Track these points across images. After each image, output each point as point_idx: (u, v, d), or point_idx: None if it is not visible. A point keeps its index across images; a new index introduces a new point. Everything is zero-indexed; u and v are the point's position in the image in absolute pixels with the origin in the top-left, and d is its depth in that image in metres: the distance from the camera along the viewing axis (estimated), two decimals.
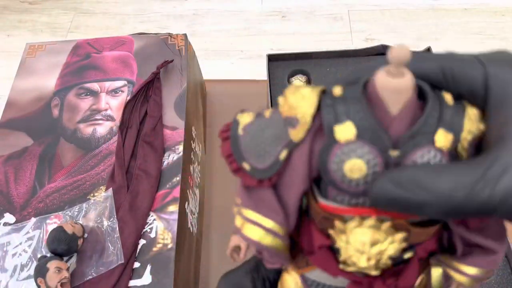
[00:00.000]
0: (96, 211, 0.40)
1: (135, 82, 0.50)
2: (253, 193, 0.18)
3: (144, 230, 0.38)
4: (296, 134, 0.17)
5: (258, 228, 0.18)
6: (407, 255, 0.18)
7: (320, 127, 0.17)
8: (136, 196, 0.40)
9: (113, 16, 1.42)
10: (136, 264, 0.36)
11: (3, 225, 0.39)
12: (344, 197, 0.17)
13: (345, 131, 0.16)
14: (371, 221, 0.17)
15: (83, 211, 0.40)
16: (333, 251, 0.19)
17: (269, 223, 0.18)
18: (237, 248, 0.20)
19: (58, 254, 0.36)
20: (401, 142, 0.16)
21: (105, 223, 0.39)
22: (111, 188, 0.41)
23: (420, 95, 0.16)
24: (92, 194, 0.41)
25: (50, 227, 0.38)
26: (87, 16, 1.42)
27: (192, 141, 0.48)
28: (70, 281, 0.35)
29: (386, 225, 0.17)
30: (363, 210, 0.17)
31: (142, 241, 0.38)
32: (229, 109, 0.67)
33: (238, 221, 0.19)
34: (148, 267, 0.36)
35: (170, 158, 0.43)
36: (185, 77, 0.50)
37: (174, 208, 0.40)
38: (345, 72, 0.52)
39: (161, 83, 0.49)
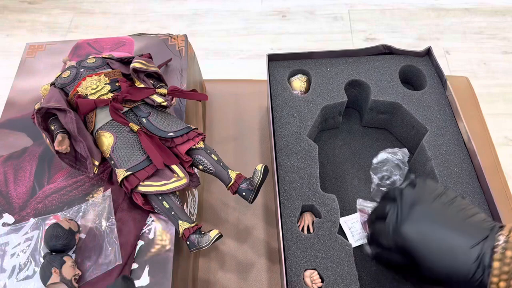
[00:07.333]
0: (95, 212, 0.40)
1: None
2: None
3: (143, 231, 0.38)
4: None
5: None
6: (117, 84, 0.43)
7: None
8: None
9: (113, 16, 1.42)
10: (134, 265, 0.36)
11: (2, 225, 0.39)
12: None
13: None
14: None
15: (82, 211, 0.40)
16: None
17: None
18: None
19: (57, 251, 0.36)
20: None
21: (104, 223, 0.39)
22: (110, 189, 0.41)
23: None
24: (91, 195, 0.41)
25: None
26: (87, 16, 1.42)
27: None
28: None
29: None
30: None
31: (140, 242, 0.38)
32: (229, 109, 0.66)
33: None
34: (146, 268, 0.36)
35: None
36: (185, 77, 0.50)
37: None
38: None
39: None
